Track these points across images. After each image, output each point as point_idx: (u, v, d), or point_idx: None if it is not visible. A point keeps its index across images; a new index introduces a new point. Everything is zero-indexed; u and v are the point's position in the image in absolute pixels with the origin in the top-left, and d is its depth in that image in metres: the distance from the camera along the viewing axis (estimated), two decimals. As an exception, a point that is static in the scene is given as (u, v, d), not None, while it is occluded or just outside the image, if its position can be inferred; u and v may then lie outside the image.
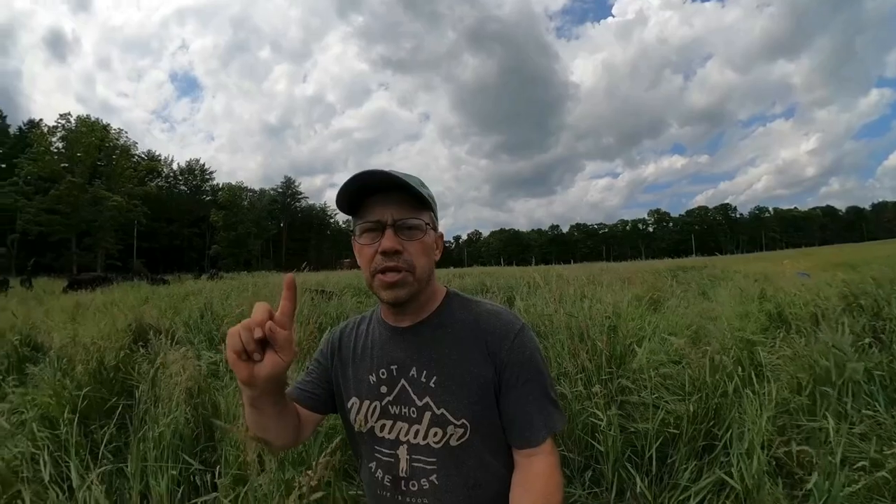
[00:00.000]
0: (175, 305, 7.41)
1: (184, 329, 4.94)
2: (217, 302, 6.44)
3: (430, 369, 0.95)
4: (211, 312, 5.79)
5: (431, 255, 0.96)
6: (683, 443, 1.96)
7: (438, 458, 0.93)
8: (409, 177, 0.92)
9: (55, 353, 3.66)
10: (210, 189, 73.65)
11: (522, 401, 0.93)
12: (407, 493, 0.95)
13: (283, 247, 76.04)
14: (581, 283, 6.05)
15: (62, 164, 47.03)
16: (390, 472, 0.97)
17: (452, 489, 0.93)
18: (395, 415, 0.96)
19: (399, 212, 0.90)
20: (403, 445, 0.95)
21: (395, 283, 0.90)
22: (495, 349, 0.94)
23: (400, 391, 0.96)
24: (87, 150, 48.71)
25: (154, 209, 57.25)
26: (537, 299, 4.70)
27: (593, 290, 5.41)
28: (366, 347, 1.04)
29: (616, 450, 1.95)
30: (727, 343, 2.82)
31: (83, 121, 50.58)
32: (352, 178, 0.88)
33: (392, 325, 1.02)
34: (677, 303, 5.54)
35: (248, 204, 69.20)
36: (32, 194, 45.06)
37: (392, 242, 0.88)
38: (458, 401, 0.92)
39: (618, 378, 2.40)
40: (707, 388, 2.13)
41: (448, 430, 0.92)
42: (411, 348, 0.98)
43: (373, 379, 0.99)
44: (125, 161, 54.69)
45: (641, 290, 6.49)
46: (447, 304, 1.02)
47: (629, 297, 4.65)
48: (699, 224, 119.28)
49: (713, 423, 2.03)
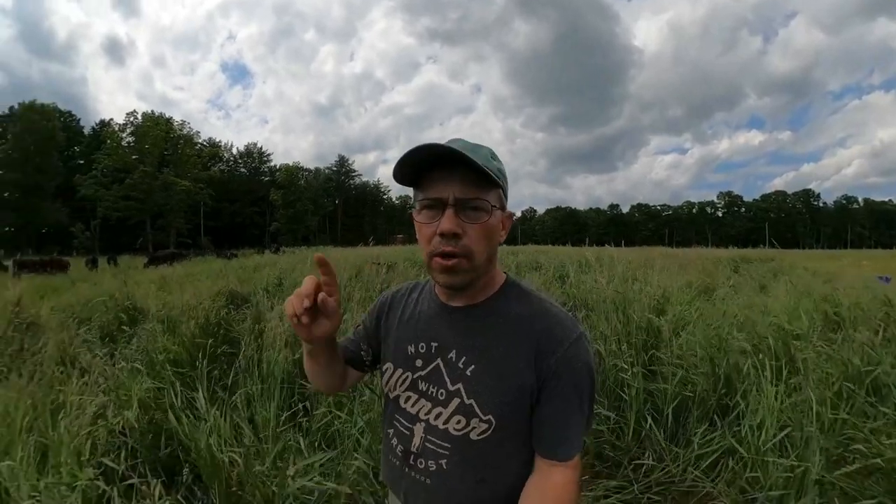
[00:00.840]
0: (250, 276, 8.20)
1: (263, 294, 5.59)
2: (288, 272, 7.19)
3: (470, 356, 0.92)
4: (286, 280, 6.44)
5: (494, 239, 0.90)
6: (696, 405, 2.18)
7: (453, 446, 0.92)
8: (479, 148, 0.88)
9: (161, 313, 4.40)
10: (268, 170, 77.72)
11: (562, 414, 0.89)
12: (414, 469, 0.96)
13: (339, 223, 78.63)
14: (634, 265, 6.15)
15: (133, 156, 51.97)
16: (403, 444, 0.98)
17: (458, 477, 0.93)
18: (422, 391, 0.96)
19: (462, 190, 0.84)
20: (421, 423, 0.95)
21: (450, 268, 0.86)
22: (545, 355, 0.88)
23: (433, 370, 0.95)
24: (155, 142, 53.26)
25: (218, 191, 61.70)
26: (588, 277, 4.90)
27: (645, 273, 5.54)
28: (412, 317, 1.04)
29: (638, 401, 2.25)
30: (763, 332, 2.90)
31: (148, 116, 55.25)
32: (412, 150, 0.83)
33: (443, 303, 0.99)
34: (727, 292, 5.47)
35: (305, 182, 71.87)
36: (110, 184, 50.36)
37: (451, 224, 0.83)
38: (491, 396, 0.89)
39: (650, 349, 2.62)
40: (719, 358, 2.32)
41: (472, 422, 0.90)
42: (457, 330, 0.95)
43: (411, 350, 0.99)
44: (189, 149, 59.20)
45: (696, 277, 6.46)
46: (504, 293, 0.97)
47: (681, 283, 4.71)
48: (775, 211, 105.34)
49: (725, 392, 2.23)
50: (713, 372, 2.38)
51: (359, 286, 4.80)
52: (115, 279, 11.00)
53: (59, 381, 2.87)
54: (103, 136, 56.66)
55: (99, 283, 9.46)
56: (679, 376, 2.32)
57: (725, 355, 2.50)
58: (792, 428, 1.98)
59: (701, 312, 3.64)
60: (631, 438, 2.16)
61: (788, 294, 4.88)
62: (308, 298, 0.82)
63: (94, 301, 6.08)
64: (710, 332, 2.89)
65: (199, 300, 4.22)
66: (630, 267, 5.66)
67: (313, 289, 0.83)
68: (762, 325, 3.12)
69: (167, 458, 2.24)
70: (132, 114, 55.68)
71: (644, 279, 4.51)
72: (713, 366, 2.41)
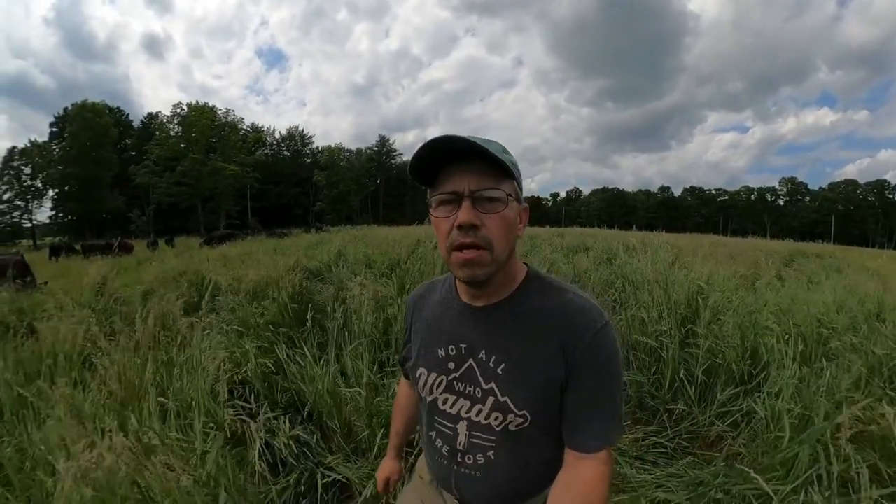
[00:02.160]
0: (307, 253, 8.84)
1: (325, 268, 6.26)
2: (345, 248, 7.88)
3: (499, 355, 0.94)
4: (343, 256, 7.03)
5: (513, 231, 0.91)
6: (724, 370, 2.54)
7: (497, 438, 0.96)
8: (490, 142, 0.87)
9: (243, 285, 5.07)
10: (310, 152, 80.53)
11: (587, 406, 0.91)
12: (462, 465, 1.00)
13: (381, 202, 79.92)
14: (681, 252, 6.32)
15: (181, 145, 55.72)
16: (449, 444, 1.02)
17: (505, 466, 0.97)
18: (460, 391, 0.99)
19: (478, 182, 0.85)
20: (464, 421, 0.98)
21: (471, 260, 0.86)
22: (571, 347, 0.90)
23: (467, 370, 0.98)
24: (202, 131, 56.70)
25: (263, 174, 64.77)
26: (633, 259, 5.18)
27: (692, 259, 5.74)
28: (436, 319, 1.06)
29: (674, 362, 2.62)
30: (799, 321, 3.14)
31: (193, 107, 58.64)
32: (424, 145, 0.84)
33: (465, 303, 1.01)
34: (770, 282, 5.56)
35: (347, 163, 73.26)
36: (162, 172, 54.28)
37: (469, 216, 0.85)
38: (523, 392, 0.92)
39: (689, 323, 2.99)
40: (749, 335, 2.65)
41: (508, 417, 0.93)
42: (482, 330, 0.97)
43: (441, 353, 1.01)
44: (234, 135, 62.50)
45: (744, 268, 6.52)
46: (526, 288, 0.98)
47: (728, 273, 4.88)
48: (843, 203, 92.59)
49: (751, 364, 2.57)
50: (742, 345, 2.72)
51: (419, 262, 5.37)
52: (179, 258, 11.96)
53: (164, 345, 3.46)
54: (152, 128, 61.54)
55: (165, 262, 10.31)
56: (707, 345, 2.68)
57: (755, 331, 2.83)
58: (805, 402, 2.19)
59: (742, 300, 3.78)
60: (667, 391, 2.54)
61: (834, 290, 4.83)
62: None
63: (168, 277, 6.88)
64: (745, 314, 3.14)
65: (280, 273, 4.89)
66: (678, 253, 5.90)
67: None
68: (799, 316, 3.29)
69: (286, 402, 2.80)
70: (178, 105, 59.43)
71: (689, 265, 4.78)
72: (742, 340, 2.75)
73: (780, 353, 2.54)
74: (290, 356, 3.04)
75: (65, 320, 4.03)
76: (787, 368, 2.39)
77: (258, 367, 3.02)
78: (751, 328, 2.88)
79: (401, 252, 6.92)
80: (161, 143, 54.97)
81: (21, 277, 7.75)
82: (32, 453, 2.22)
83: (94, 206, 53.37)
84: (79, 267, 10.50)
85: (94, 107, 54.84)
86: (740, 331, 2.83)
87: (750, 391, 2.46)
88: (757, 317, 3.18)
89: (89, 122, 52.56)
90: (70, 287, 6.46)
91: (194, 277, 6.79)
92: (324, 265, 6.62)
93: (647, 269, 4.10)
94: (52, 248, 21.95)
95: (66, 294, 5.84)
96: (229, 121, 63.51)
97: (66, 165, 51.87)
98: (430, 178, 0.92)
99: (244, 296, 4.73)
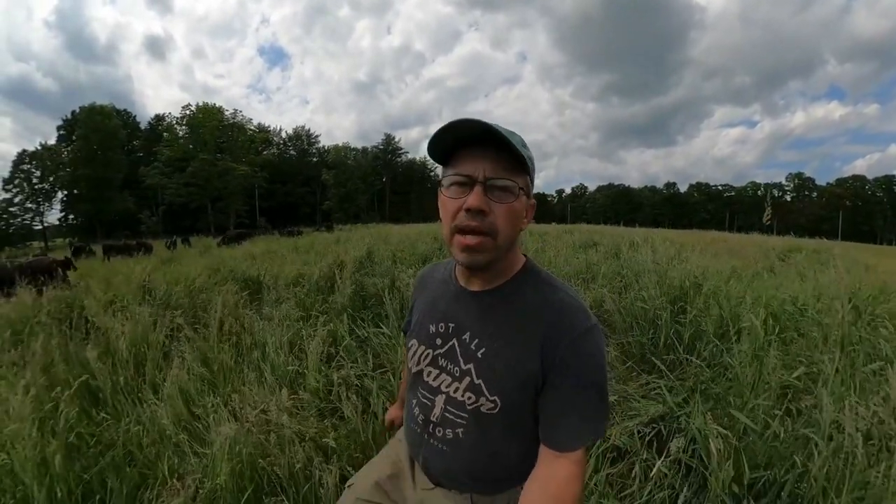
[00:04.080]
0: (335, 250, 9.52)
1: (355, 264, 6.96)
2: (374, 246, 8.67)
3: (481, 339, 0.99)
4: (371, 253, 7.79)
5: (518, 224, 0.93)
6: (707, 336, 3.29)
7: (468, 417, 1.00)
8: (512, 134, 0.88)
9: (292, 279, 5.85)
10: (316, 151, 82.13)
11: (566, 406, 0.92)
12: (433, 436, 1.06)
13: (387, 201, 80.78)
14: (680, 247, 7.07)
15: (190, 146, 56.92)
16: (424, 414, 1.07)
17: (472, 448, 1.01)
18: (442, 367, 1.04)
19: (493, 169, 0.87)
20: (442, 395, 1.03)
21: (473, 246, 0.89)
22: (551, 346, 0.92)
23: (450, 348, 1.03)
24: (210, 132, 57.85)
25: (270, 173, 66.20)
26: (637, 254, 5.97)
27: (690, 254, 6.43)
28: (434, 297, 1.13)
29: (666, 325, 3.43)
30: (773, 304, 3.74)
31: (200, 108, 59.84)
32: (447, 126, 0.86)
33: (461, 286, 1.06)
34: (757, 273, 6.06)
35: (354, 162, 74.11)
36: (171, 174, 55.49)
37: (479, 201, 0.87)
38: (497, 379, 0.95)
39: (679, 302, 3.76)
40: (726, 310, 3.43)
41: (480, 399, 0.97)
42: (471, 313, 1.02)
43: (432, 329, 1.07)
44: (242, 136, 63.43)
45: (741, 263, 7.05)
46: (520, 279, 1.01)
47: (721, 266, 5.61)
48: (851, 199, 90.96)
49: (726, 331, 3.30)
50: (720, 315, 3.48)
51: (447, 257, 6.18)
52: (203, 257, 12.42)
53: (235, 332, 4.14)
54: (160, 130, 63.34)
55: (189, 262, 10.83)
56: (692, 316, 3.47)
57: (729, 304, 3.59)
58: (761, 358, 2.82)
59: (729, 290, 4.27)
60: (662, 348, 3.29)
61: (816, 280, 5.22)
62: None
63: (207, 273, 7.41)
64: (726, 297, 3.82)
65: (331, 267, 5.77)
66: (679, 249, 6.63)
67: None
68: (776, 301, 3.84)
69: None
70: (187, 106, 60.72)
71: (687, 259, 5.54)
72: (720, 311, 3.52)
73: (749, 322, 3.21)
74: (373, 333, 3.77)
75: (140, 314, 4.59)
76: (751, 334, 3.04)
77: (350, 341, 3.72)
78: (726, 301, 3.64)
79: (424, 249, 7.69)
80: (170, 145, 56.27)
81: (65, 276, 8.61)
82: (149, 430, 2.67)
83: (104, 207, 54.81)
84: (108, 266, 11.06)
85: (103, 109, 56.19)
86: (717, 303, 3.60)
87: (727, 349, 3.16)
88: (732, 292, 3.87)
89: (98, 124, 53.98)
90: (120, 284, 6.97)
91: (230, 274, 7.43)
92: (359, 260, 7.33)
93: (647, 261, 4.90)
94: (74, 248, 22.98)
95: (109, 290, 6.43)
96: (237, 121, 64.71)
97: (76, 167, 53.38)
98: (447, 157, 0.94)
99: (306, 287, 5.53)
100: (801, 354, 2.98)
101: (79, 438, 2.70)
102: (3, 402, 2.85)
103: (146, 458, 2.52)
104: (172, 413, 2.82)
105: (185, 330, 4.26)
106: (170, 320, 4.55)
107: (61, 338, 4.55)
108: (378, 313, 4.42)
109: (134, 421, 2.81)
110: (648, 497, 2.03)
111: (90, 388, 3.39)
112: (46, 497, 2.19)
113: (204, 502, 2.07)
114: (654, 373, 3.15)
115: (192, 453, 2.41)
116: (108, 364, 3.61)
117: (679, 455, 2.08)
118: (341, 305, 4.62)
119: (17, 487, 2.25)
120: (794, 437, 2.12)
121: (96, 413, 2.94)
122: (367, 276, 5.75)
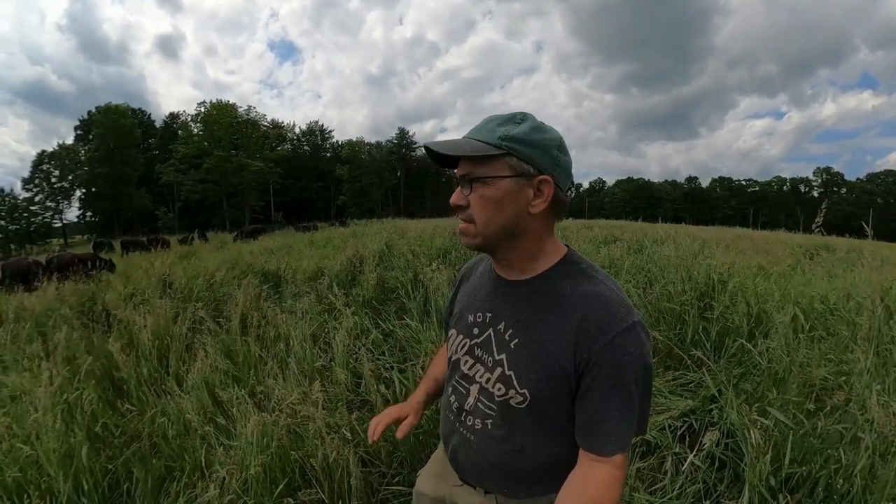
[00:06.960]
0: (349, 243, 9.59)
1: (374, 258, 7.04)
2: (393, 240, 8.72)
3: (515, 329, 0.99)
4: (389, 247, 7.84)
5: (504, 208, 0.93)
6: (734, 332, 3.29)
7: (497, 409, 1.01)
8: (489, 121, 0.96)
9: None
10: (330, 146, 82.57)
11: (605, 407, 0.90)
12: (463, 425, 1.08)
13: (402, 195, 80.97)
14: (704, 243, 7.00)
15: (205, 143, 57.50)
16: (459, 401, 1.10)
17: (498, 441, 1.02)
18: (478, 357, 1.06)
19: (463, 167, 0.95)
20: (476, 385, 1.06)
21: (461, 230, 0.99)
22: (587, 342, 0.89)
23: (486, 338, 1.05)
24: (224, 129, 58.41)
25: (284, 169, 66.46)
26: (662, 249, 5.95)
27: (714, 250, 6.37)
28: (475, 288, 1.15)
29: (693, 321, 3.45)
30: (802, 302, 3.76)
31: (214, 105, 60.41)
32: (428, 154, 0.97)
33: (498, 276, 1.08)
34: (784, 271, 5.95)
35: (368, 156, 74.29)
36: (187, 170, 56.58)
37: (455, 198, 0.97)
38: (528, 372, 0.95)
39: (707, 298, 3.76)
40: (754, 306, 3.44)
41: (510, 392, 0.97)
42: (508, 303, 1.03)
43: (471, 318, 1.10)
44: (256, 132, 63.94)
45: (765, 260, 6.97)
46: (557, 270, 1.00)
47: (747, 263, 5.54)
48: (883, 195, 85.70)
49: (755, 327, 3.33)
50: (747, 312, 3.47)
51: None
52: (220, 252, 12.60)
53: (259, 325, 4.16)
54: (175, 128, 65.20)
55: (207, 256, 11.08)
56: (719, 312, 3.47)
57: (757, 300, 3.58)
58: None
59: (756, 286, 4.25)
60: (689, 343, 3.28)
61: (845, 279, 5.18)
62: (378, 428, 1.22)
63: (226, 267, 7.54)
64: (754, 293, 3.80)
65: (351, 260, 5.86)
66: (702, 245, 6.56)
67: (389, 423, 1.24)
68: (805, 299, 3.85)
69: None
70: (202, 104, 61.64)
71: (712, 255, 5.47)
72: (748, 307, 3.50)
73: (777, 320, 3.24)
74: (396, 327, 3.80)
75: (161, 307, 4.69)
76: (778, 332, 3.07)
77: (377, 334, 3.77)
78: (754, 298, 3.63)
79: (441, 243, 7.73)
80: (186, 142, 57.25)
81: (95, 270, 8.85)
82: (174, 422, 2.70)
83: (122, 205, 56.07)
84: (127, 261, 11.40)
85: (118, 109, 57.37)
86: (745, 300, 3.58)
87: (754, 346, 3.17)
88: (760, 289, 3.87)
89: (114, 123, 55.13)
90: (140, 278, 7.24)
91: (248, 268, 7.58)
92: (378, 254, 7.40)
93: (671, 256, 4.87)
94: (94, 244, 23.64)
95: (129, 284, 6.71)
96: (251, 118, 65.42)
97: (94, 166, 54.72)
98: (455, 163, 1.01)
99: (327, 280, 5.58)
100: (831, 352, 2.98)
101: (104, 429, 2.77)
102: (29, 393, 2.97)
103: (172, 449, 2.55)
104: (198, 405, 2.88)
105: (208, 322, 4.40)
106: (192, 313, 4.64)
107: (83, 330, 4.75)
108: (401, 306, 4.48)
109: (159, 412, 2.84)
110: (680, 490, 2.04)
111: (114, 380, 3.52)
112: (73, 488, 2.21)
113: (235, 495, 2.08)
114: (681, 368, 3.16)
115: (218, 445, 2.43)
116: (131, 356, 3.66)
117: (712, 449, 2.09)
118: (364, 298, 4.70)
119: (41, 479, 2.26)
120: (828, 432, 2.12)
121: (121, 404, 2.99)
122: (387, 270, 5.84)
